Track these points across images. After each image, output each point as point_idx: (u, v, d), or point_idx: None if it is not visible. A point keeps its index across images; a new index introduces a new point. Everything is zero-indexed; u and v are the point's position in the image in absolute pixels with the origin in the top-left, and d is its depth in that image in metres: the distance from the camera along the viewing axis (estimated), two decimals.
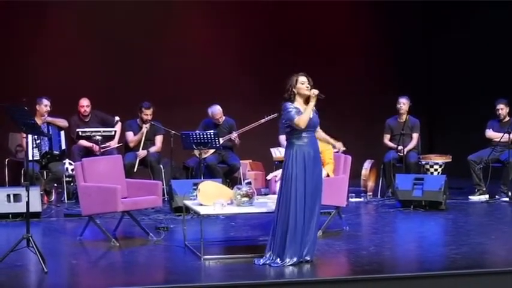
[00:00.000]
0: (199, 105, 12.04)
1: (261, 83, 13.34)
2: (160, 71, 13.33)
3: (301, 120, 7.26)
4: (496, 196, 11.36)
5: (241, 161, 11.85)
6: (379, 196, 11.62)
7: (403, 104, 11.71)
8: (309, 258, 7.31)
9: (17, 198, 9.85)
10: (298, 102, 7.33)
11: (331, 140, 7.90)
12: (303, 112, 7.28)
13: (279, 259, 7.23)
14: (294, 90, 7.32)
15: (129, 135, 11.66)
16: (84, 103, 11.56)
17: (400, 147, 11.47)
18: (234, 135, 11.61)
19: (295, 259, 7.23)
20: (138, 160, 11.40)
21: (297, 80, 7.32)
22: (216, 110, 11.70)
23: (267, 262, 7.25)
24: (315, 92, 7.26)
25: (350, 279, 7.00)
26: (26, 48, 12.74)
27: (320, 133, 7.66)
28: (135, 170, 11.32)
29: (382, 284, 6.90)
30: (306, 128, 7.29)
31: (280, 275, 7.00)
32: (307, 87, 7.29)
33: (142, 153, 11.46)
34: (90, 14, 13.11)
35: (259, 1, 13.66)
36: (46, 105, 11.29)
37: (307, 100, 7.32)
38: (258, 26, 13.80)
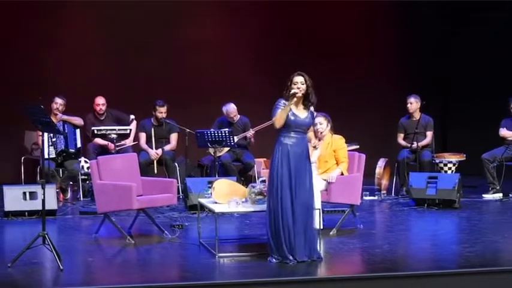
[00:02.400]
0: (213, 104, 12.06)
1: (275, 82, 13.28)
2: (175, 70, 13.36)
3: (275, 119, 7.24)
4: (510, 194, 11.33)
5: (255, 159, 11.85)
6: (393, 194, 11.61)
7: (411, 103, 11.67)
8: (317, 256, 7.30)
9: (32, 196, 9.91)
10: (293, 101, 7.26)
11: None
12: (293, 110, 7.25)
13: (290, 256, 7.20)
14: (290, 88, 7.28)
15: (142, 137, 11.68)
16: (100, 101, 11.60)
17: (414, 145, 11.46)
18: (250, 133, 11.62)
19: (290, 257, 7.19)
20: (155, 160, 11.46)
21: (291, 79, 7.31)
22: (231, 109, 11.72)
23: (280, 260, 7.23)
24: (292, 91, 7.21)
25: (364, 277, 7.02)
26: (42, 48, 12.79)
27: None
28: (155, 171, 11.37)
29: (396, 282, 6.91)
30: (294, 128, 7.25)
31: (294, 272, 7.02)
32: (299, 87, 7.23)
33: (155, 153, 11.48)
34: (106, 13, 13.16)
35: (275, 1, 13.66)
36: (56, 103, 11.37)
37: (304, 99, 7.29)
38: (274, 25, 13.80)
